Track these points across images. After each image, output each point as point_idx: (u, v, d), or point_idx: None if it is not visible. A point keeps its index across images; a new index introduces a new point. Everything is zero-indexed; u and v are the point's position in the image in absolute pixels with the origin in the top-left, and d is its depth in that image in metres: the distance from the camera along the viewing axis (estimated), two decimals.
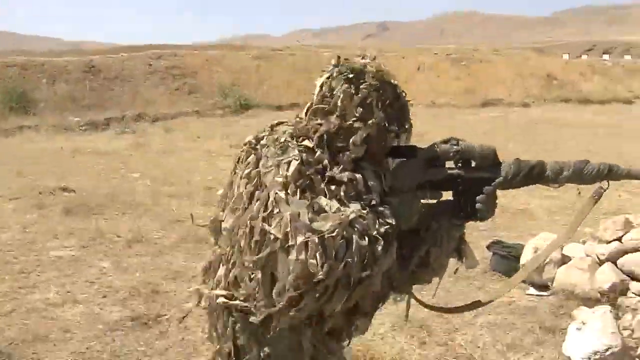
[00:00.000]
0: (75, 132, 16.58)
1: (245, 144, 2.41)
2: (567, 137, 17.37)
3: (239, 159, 2.40)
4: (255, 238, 2.14)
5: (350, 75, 2.33)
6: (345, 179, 2.23)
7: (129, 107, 19.63)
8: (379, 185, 2.29)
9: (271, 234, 2.09)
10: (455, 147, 2.37)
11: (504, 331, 5.62)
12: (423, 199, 2.39)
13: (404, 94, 2.46)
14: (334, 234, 2.03)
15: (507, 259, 6.81)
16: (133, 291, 6.27)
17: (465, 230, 2.45)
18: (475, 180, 2.36)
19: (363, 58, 2.43)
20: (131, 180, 10.68)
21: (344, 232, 2.05)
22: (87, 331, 5.51)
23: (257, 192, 2.21)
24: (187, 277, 6.74)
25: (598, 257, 6.34)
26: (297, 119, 2.40)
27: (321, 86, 2.37)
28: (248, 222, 2.17)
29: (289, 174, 2.18)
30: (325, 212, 2.11)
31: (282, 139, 2.30)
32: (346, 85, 2.32)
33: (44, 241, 7.80)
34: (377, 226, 2.15)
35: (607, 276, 6.04)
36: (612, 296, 5.97)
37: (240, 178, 2.31)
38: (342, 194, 2.21)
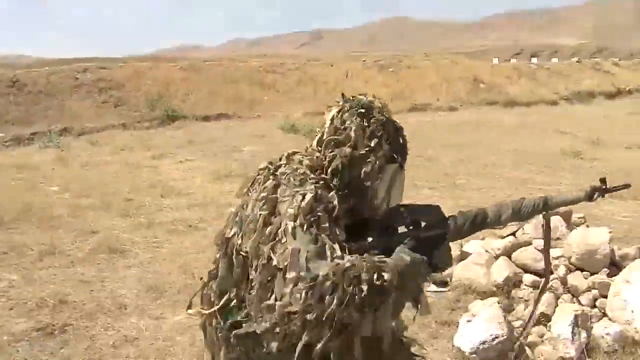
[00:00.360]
0: None
1: (262, 169, 2.57)
2: (486, 137, 17.88)
3: (254, 181, 2.58)
4: (262, 261, 2.34)
5: (362, 110, 2.62)
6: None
7: (55, 121, 19.48)
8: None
9: (272, 259, 2.29)
10: (405, 213, 2.61)
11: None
12: None
13: (402, 129, 2.74)
14: (324, 280, 2.16)
15: None
16: (40, 302, 6.33)
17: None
18: (429, 238, 2.60)
19: (366, 96, 2.72)
20: (49, 194, 10.66)
21: (334, 279, 2.16)
22: None
23: (272, 218, 2.39)
24: (97, 287, 6.83)
25: (494, 252, 6.62)
26: (311, 149, 2.63)
27: (332, 119, 2.64)
28: (259, 244, 2.37)
29: (302, 206, 2.35)
30: (324, 255, 2.25)
31: (302, 170, 2.50)
32: (359, 118, 2.61)
33: None
34: (368, 276, 2.21)
35: (501, 270, 6.32)
36: (506, 289, 6.25)
37: (256, 200, 2.46)
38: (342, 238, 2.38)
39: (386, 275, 2.23)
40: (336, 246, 2.30)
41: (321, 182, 2.50)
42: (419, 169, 13.26)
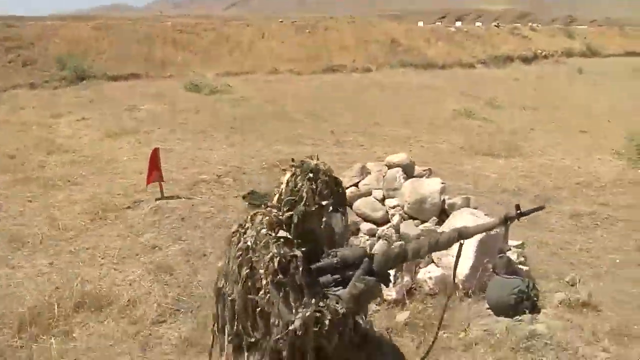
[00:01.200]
0: None
1: (234, 232, 3.33)
2: (387, 98, 18.36)
3: (231, 242, 3.32)
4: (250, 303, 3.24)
5: (311, 175, 3.51)
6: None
7: None
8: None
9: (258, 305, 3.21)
10: (335, 258, 3.42)
11: None
12: None
13: (341, 182, 3.76)
14: (298, 325, 3.14)
15: (259, 207, 7.44)
16: None
17: None
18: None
19: (312, 158, 3.63)
20: None
21: (305, 323, 3.15)
22: None
23: (249, 274, 3.21)
24: None
25: None
26: (268, 209, 3.40)
27: (287, 182, 3.51)
28: (245, 293, 3.23)
29: (270, 266, 3.17)
30: (290, 305, 3.18)
31: (264, 232, 3.25)
32: (308, 182, 3.50)
33: None
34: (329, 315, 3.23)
35: None
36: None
37: (235, 258, 3.24)
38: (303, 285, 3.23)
39: (340, 310, 3.26)
40: (299, 295, 3.21)
41: (281, 241, 3.24)
42: (309, 126, 13.69)
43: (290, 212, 3.46)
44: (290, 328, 3.17)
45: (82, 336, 5.15)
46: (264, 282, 3.21)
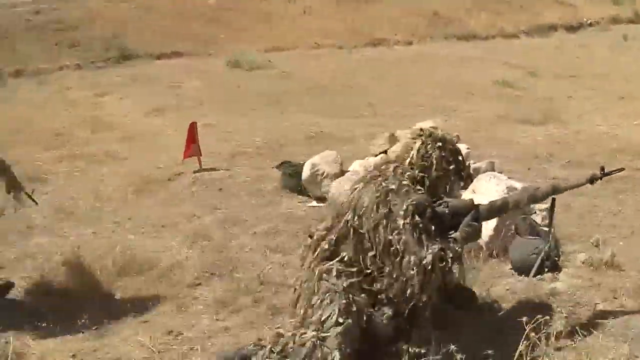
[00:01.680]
0: None
1: (373, 177, 4.18)
2: (427, 69, 18.39)
3: (362, 180, 4.25)
4: (378, 238, 3.96)
5: (440, 144, 4.21)
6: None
7: (8, 64, 19.70)
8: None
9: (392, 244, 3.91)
10: (446, 208, 4.17)
11: (272, 237, 6.56)
12: None
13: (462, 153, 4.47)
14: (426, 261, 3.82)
15: (292, 176, 7.73)
16: None
17: None
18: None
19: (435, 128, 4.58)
20: None
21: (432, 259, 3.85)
22: None
23: (387, 213, 3.91)
24: (10, 211, 7.34)
25: (367, 170, 7.28)
26: (404, 167, 4.18)
27: (418, 149, 4.20)
28: (382, 233, 3.93)
29: (409, 208, 3.88)
30: (422, 244, 3.85)
31: (405, 182, 4.02)
32: (438, 151, 4.20)
33: None
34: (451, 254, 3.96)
35: None
36: None
37: (370, 195, 4.00)
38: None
39: (458, 249, 4.04)
40: (429, 236, 3.91)
41: (419, 192, 4.01)
42: (348, 99, 13.88)
43: (422, 174, 4.16)
44: (423, 262, 3.81)
45: (124, 298, 5.46)
46: (400, 222, 3.86)
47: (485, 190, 5.88)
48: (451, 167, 4.26)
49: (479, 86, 15.56)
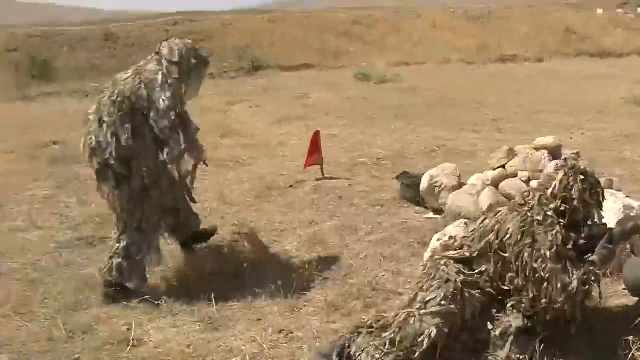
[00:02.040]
0: (91, 97, 17.63)
1: (520, 205, 4.42)
2: (555, 86, 18.08)
3: (507, 206, 4.55)
4: (521, 264, 4.24)
5: (582, 177, 4.32)
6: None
7: None
8: None
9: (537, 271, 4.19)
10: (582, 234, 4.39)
11: (387, 246, 6.65)
12: None
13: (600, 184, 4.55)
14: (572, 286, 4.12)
15: (411, 187, 7.80)
16: (87, 219, 7.45)
17: None
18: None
19: (576, 158, 4.68)
20: None
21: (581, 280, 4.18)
22: (41, 248, 6.72)
23: (531, 243, 4.21)
24: None
25: (485, 183, 7.29)
26: (547, 198, 4.34)
27: (561, 181, 4.32)
28: (526, 260, 4.21)
29: (553, 240, 4.18)
30: (566, 270, 4.15)
31: (550, 214, 4.25)
32: (580, 183, 4.31)
33: (25, 184, 9.02)
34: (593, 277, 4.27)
35: (487, 198, 6.98)
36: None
37: (515, 224, 4.29)
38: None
39: (598, 272, 4.30)
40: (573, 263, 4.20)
41: (561, 224, 4.22)
42: (473, 114, 13.85)
43: (566, 206, 4.30)
44: (569, 288, 4.10)
45: (240, 297, 5.68)
46: (544, 252, 4.15)
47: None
48: (592, 200, 4.39)
49: (608, 104, 15.20)
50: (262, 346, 4.80)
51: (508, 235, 4.29)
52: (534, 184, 6.84)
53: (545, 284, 4.18)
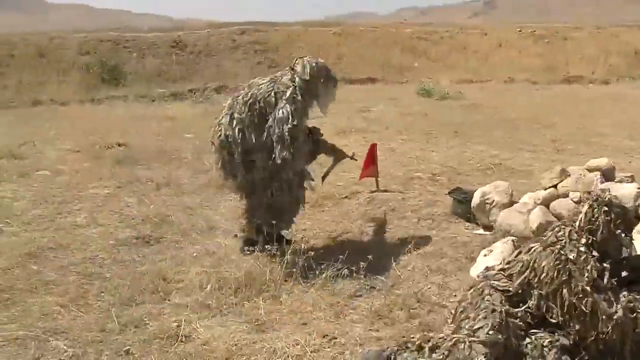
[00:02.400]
0: (157, 102, 18.10)
1: (549, 245, 4.41)
2: (621, 110, 17.84)
3: (540, 242, 4.51)
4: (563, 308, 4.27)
5: (606, 208, 4.35)
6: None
7: (212, 80, 20.98)
8: None
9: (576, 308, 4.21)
10: (624, 266, 4.49)
11: (434, 259, 6.75)
12: None
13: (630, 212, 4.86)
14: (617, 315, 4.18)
15: (462, 203, 7.87)
16: (146, 219, 7.73)
17: None
18: None
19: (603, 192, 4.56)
20: (183, 140, 12.03)
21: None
22: (100, 244, 7.00)
23: (567, 280, 4.23)
24: (196, 212, 8.11)
25: (537, 202, 7.32)
26: (576, 231, 4.37)
27: (586, 213, 4.36)
28: (565, 296, 4.25)
29: (590, 273, 4.21)
30: (612, 299, 4.21)
31: (582, 249, 4.27)
32: (604, 215, 4.34)
33: (88, 182, 9.34)
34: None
35: (536, 217, 7.02)
36: (538, 234, 6.96)
37: (548, 262, 4.30)
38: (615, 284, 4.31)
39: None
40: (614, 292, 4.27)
41: (595, 257, 4.25)
42: (532, 134, 13.81)
43: (594, 239, 4.34)
44: (615, 317, 4.16)
45: (288, 301, 5.84)
46: (583, 287, 4.19)
47: None
48: (618, 230, 4.43)
49: None
50: (305, 349, 4.94)
51: (544, 274, 4.36)
52: (562, 189, 6.89)
53: (589, 317, 4.26)
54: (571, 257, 4.28)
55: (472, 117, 15.59)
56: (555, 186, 7.30)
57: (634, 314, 4.29)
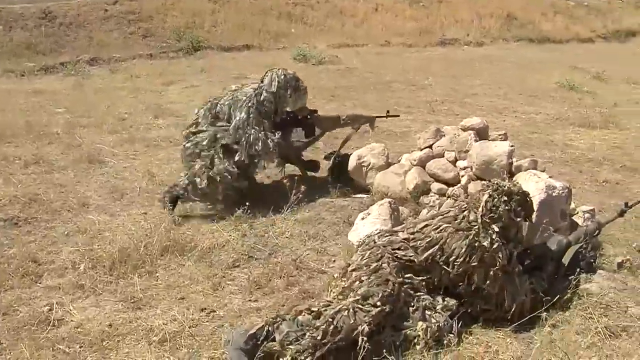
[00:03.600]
0: (27, 77, 17.31)
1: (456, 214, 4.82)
2: (493, 70, 18.32)
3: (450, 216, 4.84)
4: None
5: (505, 198, 4.65)
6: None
7: (84, 52, 20.24)
8: None
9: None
10: (529, 255, 5.18)
11: (312, 225, 6.73)
12: None
13: (530, 195, 4.94)
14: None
15: (340, 167, 7.89)
16: (13, 199, 7.33)
17: None
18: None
19: (505, 180, 4.98)
20: (53, 115, 11.47)
21: None
22: None
23: (479, 264, 4.65)
24: (68, 189, 7.80)
25: (411, 163, 7.39)
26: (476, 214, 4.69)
27: (486, 202, 4.64)
28: (474, 279, 4.69)
29: (503, 261, 4.66)
30: (517, 283, 4.76)
31: (495, 237, 4.62)
32: (504, 204, 4.65)
33: None
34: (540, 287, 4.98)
35: (412, 178, 7.10)
36: (415, 195, 7.04)
37: (460, 245, 4.66)
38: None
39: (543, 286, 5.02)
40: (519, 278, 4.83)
41: (502, 242, 4.65)
42: (407, 96, 13.98)
43: (493, 227, 4.63)
44: (518, 301, 4.70)
45: (164, 276, 5.70)
46: (494, 271, 4.63)
47: (525, 188, 5.91)
48: (518, 218, 4.74)
49: (542, 89, 15.49)
50: (182, 324, 4.84)
51: (455, 256, 4.63)
52: (460, 164, 6.98)
53: (495, 298, 4.73)
54: (485, 244, 4.58)
55: (348, 81, 15.61)
56: (430, 146, 7.37)
57: (534, 295, 4.83)
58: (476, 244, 4.61)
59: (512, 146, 6.76)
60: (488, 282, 4.65)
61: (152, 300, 5.29)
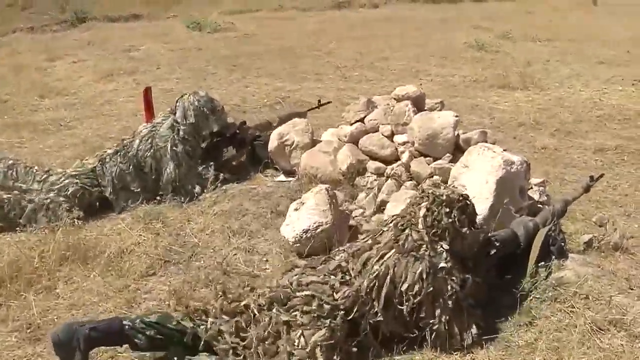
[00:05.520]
0: None
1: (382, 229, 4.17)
2: (395, 32, 17.68)
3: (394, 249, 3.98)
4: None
5: (447, 210, 3.95)
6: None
7: None
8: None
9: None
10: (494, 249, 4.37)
11: (235, 217, 5.82)
12: None
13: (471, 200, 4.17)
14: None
15: (258, 146, 7.04)
16: None
17: None
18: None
19: (442, 187, 4.18)
20: None
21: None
22: None
23: (432, 292, 3.88)
24: None
25: (341, 140, 6.56)
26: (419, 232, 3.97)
27: (425, 216, 3.96)
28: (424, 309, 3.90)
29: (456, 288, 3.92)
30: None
31: (449, 264, 3.90)
32: (447, 218, 3.96)
33: None
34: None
35: (345, 157, 6.27)
36: (350, 176, 6.22)
37: (413, 274, 3.84)
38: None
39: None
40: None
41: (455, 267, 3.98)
42: (313, 62, 13.20)
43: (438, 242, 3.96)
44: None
45: (66, 292, 4.72)
46: (446, 303, 3.89)
47: (479, 166, 5.17)
48: (464, 228, 4.05)
49: (451, 49, 14.96)
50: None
51: (406, 285, 3.87)
52: (398, 138, 6.19)
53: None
54: (442, 265, 3.92)
55: (249, 49, 14.71)
56: (362, 120, 6.54)
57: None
58: (433, 268, 3.90)
59: (456, 116, 6.02)
60: (437, 313, 3.90)
61: (53, 326, 4.27)
